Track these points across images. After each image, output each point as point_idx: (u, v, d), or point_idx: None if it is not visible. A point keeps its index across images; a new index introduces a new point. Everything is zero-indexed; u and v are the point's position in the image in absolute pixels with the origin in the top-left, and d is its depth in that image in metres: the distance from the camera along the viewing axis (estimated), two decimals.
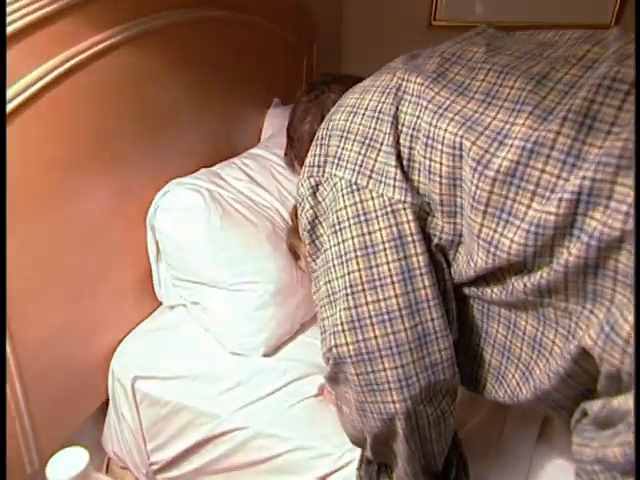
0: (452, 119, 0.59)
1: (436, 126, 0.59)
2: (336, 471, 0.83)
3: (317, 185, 0.66)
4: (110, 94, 0.87)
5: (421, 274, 0.61)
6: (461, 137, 0.58)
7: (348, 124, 0.65)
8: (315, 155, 0.67)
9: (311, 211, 0.66)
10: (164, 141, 1.01)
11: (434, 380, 0.63)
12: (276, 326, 0.97)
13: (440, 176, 0.59)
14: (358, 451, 0.81)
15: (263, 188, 1.08)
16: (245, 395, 0.91)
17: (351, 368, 0.64)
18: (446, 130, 0.58)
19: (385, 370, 0.62)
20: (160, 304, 1.07)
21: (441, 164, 0.59)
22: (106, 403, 1.02)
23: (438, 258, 0.63)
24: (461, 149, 0.58)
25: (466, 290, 0.64)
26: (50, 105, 0.77)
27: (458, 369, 0.65)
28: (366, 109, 0.65)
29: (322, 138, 0.68)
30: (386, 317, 0.61)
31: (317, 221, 0.66)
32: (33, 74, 0.73)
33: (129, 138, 0.93)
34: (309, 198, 0.66)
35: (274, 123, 1.28)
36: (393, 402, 0.63)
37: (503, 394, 0.64)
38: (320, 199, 0.66)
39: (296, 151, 0.86)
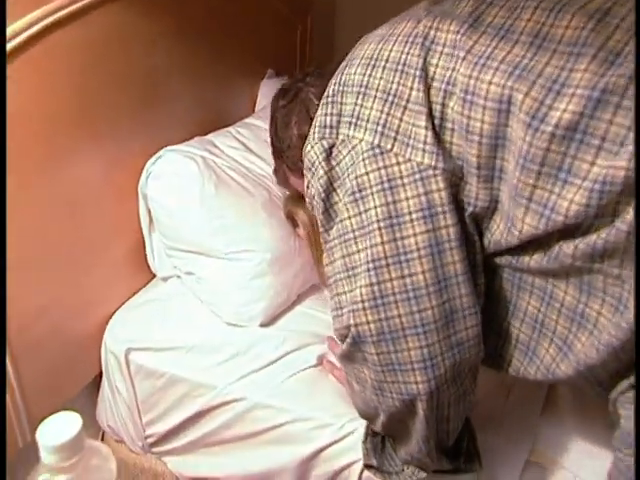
0: (497, 69, 0.51)
1: (477, 78, 0.52)
2: (337, 442, 0.81)
3: (331, 148, 0.59)
4: (95, 54, 0.81)
5: (451, 248, 0.55)
6: (510, 89, 0.50)
7: (366, 78, 0.58)
8: (326, 114, 0.60)
9: (325, 177, 0.59)
10: (155, 108, 0.96)
11: (459, 359, 0.58)
12: (274, 295, 0.93)
13: (480, 135, 0.53)
14: (359, 421, 0.79)
15: (258, 157, 1.03)
16: (243, 366, 0.88)
17: (371, 347, 0.59)
18: (490, 82, 0.51)
19: (409, 350, 0.57)
20: (154, 276, 1.03)
21: (482, 122, 0.52)
22: (100, 376, 0.98)
23: (470, 229, 0.57)
24: (509, 103, 0.51)
25: (497, 259, 0.58)
26: (29, 64, 0.71)
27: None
28: (387, 61, 0.57)
29: (333, 95, 0.61)
30: (411, 294, 0.56)
31: (331, 188, 0.60)
32: (9, 30, 0.67)
33: (117, 104, 0.88)
34: (322, 163, 0.59)
35: (268, 94, 1.22)
36: (416, 383, 0.59)
37: (535, 371, 0.59)
38: (334, 163, 0.59)
39: (289, 161, 0.78)
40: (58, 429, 0.46)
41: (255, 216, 0.94)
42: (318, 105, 0.64)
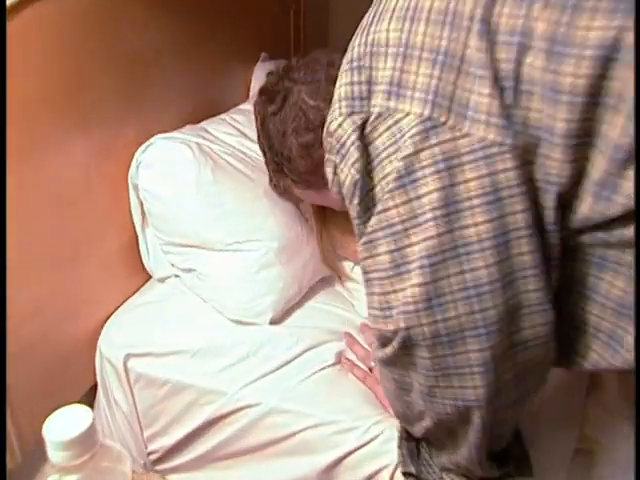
0: (595, 9, 0.44)
1: (569, 24, 0.45)
2: (362, 447, 0.79)
3: (364, 123, 0.53)
4: (73, 32, 0.80)
5: (519, 237, 0.50)
6: (618, 29, 0.43)
7: (405, 35, 0.51)
8: (352, 83, 0.54)
9: (361, 160, 0.53)
10: (143, 94, 0.96)
11: (524, 360, 0.55)
12: (283, 288, 0.92)
13: (572, 94, 0.46)
14: (387, 423, 0.77)
15: (254, 142, 0.99)
16: (254, 368, 0.87)
17: (424, 352, 0.55)
18: (589, 28, 0.45)
19: (468, 352, 0.54)
20: (149, 279, 1.01)
21: (576, 76, 0.46)
22: (95, 388, 0.96)
23: (548, 214, 0.51)
24: (614, 47, 0.44)
25: (578, 238, 0.53)
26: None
27: None
28: (429, 11, 0.50)
29: (359, 59, 0.54)
30: (472, 292, 0.51)
31: (366, 171, 0.54)
32: None
33: (102, 88, 0.87)
34: (356, 142, 0.53)
35: (262, 79, 1.23)
36: (474, 387, 0.55)
37: (621, 362, 0.54)
38: (367, 142, 0.53)
39: (293, 174, 0.74)
40: (67, 423, 0.44)
41: (257, 203, 0.92)
42: (315, 107, 0.61)
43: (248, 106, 1.13)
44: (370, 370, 0.87)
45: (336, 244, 0.99)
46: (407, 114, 0.51)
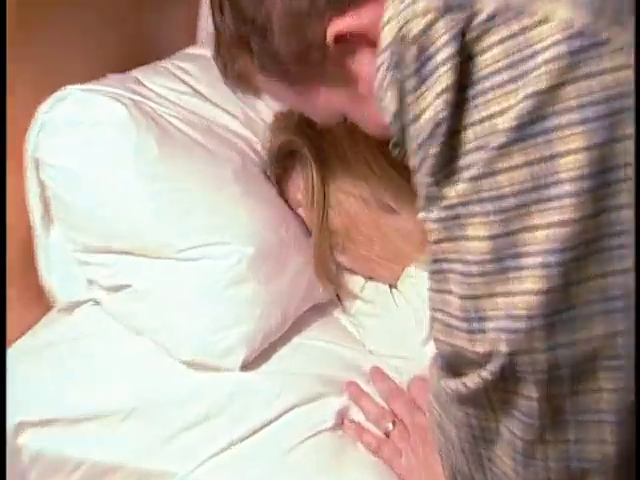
0: None
1: None
2: None
3: (464, 29, 0.48)
4: None
5: None
6: None
7: None
8: None
9: (454, 88, 0.48)
10: (42, 29, 0.88)
11: None
12: (262, 314, 0.85)
13: None
14: None
15: (216, 105, 0.98)
16: (218, 435, 0.80)
17: (531, 389, 0.52)
18: None
19: (600, 391, 0.51)
20: (51, 308, 0.93)
21: None
22: None
23: None
24: None
25: None
26: None
27: None
28: None
29: None
30: (619, 305, 0.48)
31: (455, 104, 0.49)
32: None
33: None
34: (452, 60, 0.48)
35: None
36: (601, 442, 0.52)
37: None
38: (465, 56, 0.48)
39: (265, 56, 0.65)
40: None
41: (224, 190, 0.87)
42: None
43: (201, 50, 1.08)
44: (386, 435, 0.82)
45: (335, 243, 0.94)
46: (541, 21, 0.46)
